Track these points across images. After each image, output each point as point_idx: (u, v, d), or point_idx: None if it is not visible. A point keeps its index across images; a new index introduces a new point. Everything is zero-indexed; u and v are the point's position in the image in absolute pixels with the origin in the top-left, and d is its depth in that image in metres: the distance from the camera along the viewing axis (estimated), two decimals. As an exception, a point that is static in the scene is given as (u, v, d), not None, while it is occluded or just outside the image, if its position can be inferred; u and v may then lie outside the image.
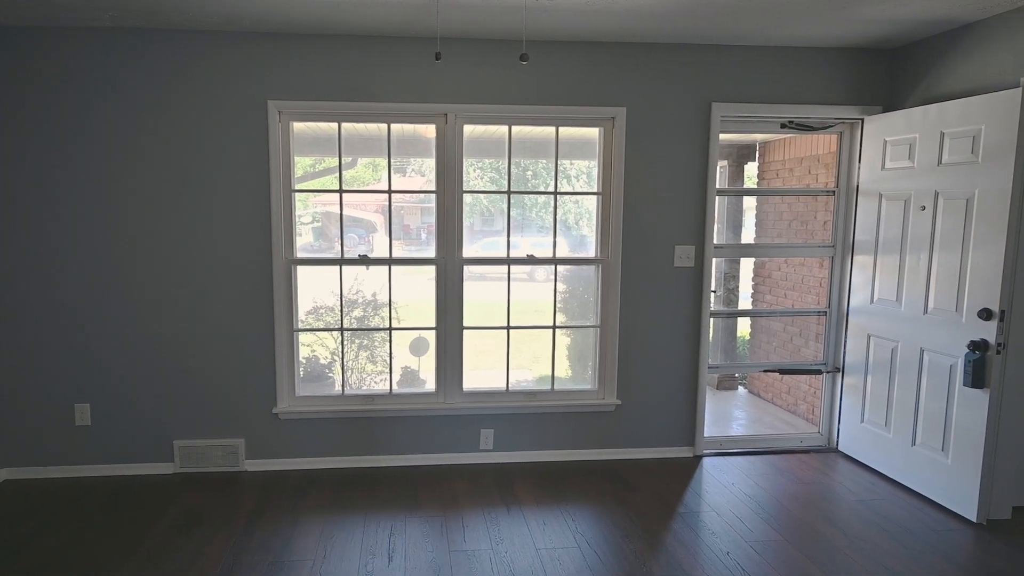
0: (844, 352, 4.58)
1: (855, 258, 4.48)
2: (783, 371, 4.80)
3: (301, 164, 4.26)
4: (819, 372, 4.73)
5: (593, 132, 4.33)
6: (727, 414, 5.78)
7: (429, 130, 4.18)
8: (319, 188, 4.34)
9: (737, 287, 6.61)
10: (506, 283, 4.34)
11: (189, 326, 4.09)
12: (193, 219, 4.02)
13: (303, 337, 4.35)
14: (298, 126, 4.13)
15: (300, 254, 4.23)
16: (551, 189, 4.34)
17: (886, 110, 4.36)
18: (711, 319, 4.49)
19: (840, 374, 4.62)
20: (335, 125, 4.13)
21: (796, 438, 4.76)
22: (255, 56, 3.95)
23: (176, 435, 4.16)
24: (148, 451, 4.15)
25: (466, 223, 4.25)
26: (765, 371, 4.97)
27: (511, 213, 4.30)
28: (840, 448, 4.61)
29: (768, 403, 6.03)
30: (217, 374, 4.14)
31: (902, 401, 4.07)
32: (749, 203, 6.72)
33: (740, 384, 6.57)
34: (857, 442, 4.45)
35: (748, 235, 6.71)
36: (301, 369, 4.33)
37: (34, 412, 4.05)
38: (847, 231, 4.55)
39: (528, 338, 4.50)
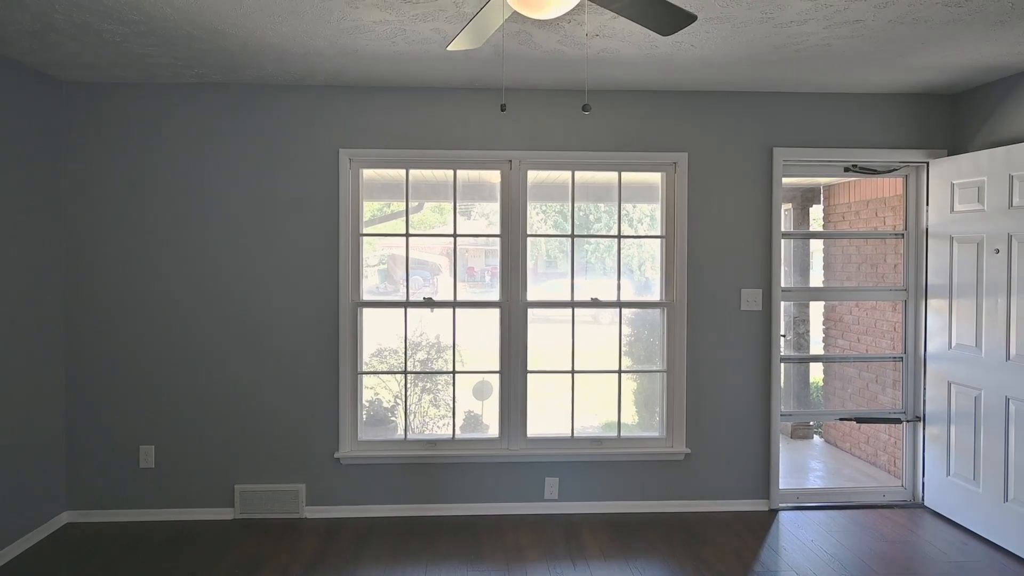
0: (924, 400, 4.35)
1: (929, 302, 4.30)
2: (860, 419, 4.57)
3: (369, 208, 4.34)
4: (898, 421, 4.49)
5: (655, 177, 4.31)
6: (803, 465, 5.53)
7: (494, 176, 4.23)
8: (386, 232, 4.41)
9: (808, 331, 6.41)
10: (570, 326, 4.28)
11: (254, 368, 4.14)
12: (263, 263, 4.11)
13: (366, 380, 4.36)
14: (367, 172, 4.23)
15: (366, 296, 4.28)
16: (614, 232, 4.31)
17: (951, 153, 4.26)
18: (782, 364, 4.33)
19: (921, 423, 4.38)
20: (403, 171, 4.22)
21: (878, 492, 4.50)
22: (328, 107, 4.08)
23: (237, 479, 4.16)
24: (209, 495, 4.14)
25: (529, 265, 4.25)
26: (841, 419, 4.74)
27: (575, 256, 4.28)
28: (926, 503, 4.34)
29: (846, 453, 5.75)
30: (280, 418, 4.16)
31: (990, 453, 3.82)
32: (816, 246, 6.56)
33: (815, 433, 6.30)
34: (944, 497, 4.18)
35: (816, 278, 6.54)
36: (364, 413, 4.33)
37: (100, 454, 4.10)
38: (919, 274, 4.39)
39: (593, 382, 4.41)
